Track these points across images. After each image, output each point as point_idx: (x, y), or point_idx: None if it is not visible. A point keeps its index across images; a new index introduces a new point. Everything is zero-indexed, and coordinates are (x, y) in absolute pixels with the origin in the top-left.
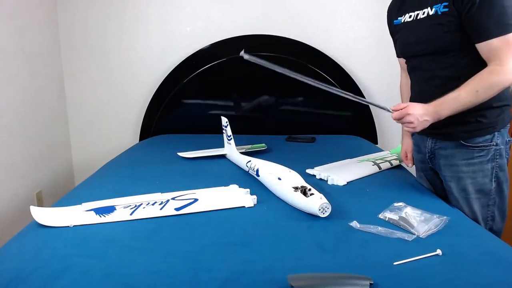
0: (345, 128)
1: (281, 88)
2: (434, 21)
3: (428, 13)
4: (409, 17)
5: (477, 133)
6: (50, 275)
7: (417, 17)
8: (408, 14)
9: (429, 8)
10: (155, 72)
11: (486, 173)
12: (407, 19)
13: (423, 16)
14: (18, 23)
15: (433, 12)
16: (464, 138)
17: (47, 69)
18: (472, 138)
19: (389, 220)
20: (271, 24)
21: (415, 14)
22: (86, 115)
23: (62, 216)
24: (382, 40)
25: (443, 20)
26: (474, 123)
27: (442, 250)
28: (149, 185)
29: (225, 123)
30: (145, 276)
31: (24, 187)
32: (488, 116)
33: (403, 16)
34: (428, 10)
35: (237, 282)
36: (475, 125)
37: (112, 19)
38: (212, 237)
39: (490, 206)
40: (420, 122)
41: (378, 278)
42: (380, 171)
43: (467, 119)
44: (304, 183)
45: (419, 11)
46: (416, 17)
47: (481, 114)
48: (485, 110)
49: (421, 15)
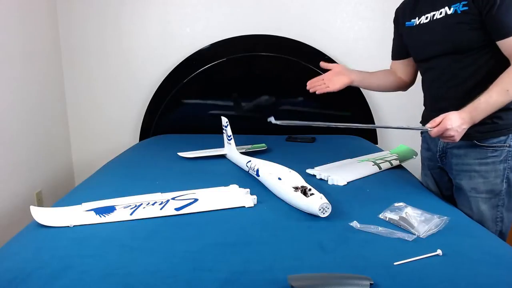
0: (345, 128)
1: (281, 88)
2: (454, 20)
3: (446, 13)
4: (426, 19)
5: (492, 134)
6: (50, 275)
7: (434, 17)
8: (424, 16)
9: (446, 8)
10: (155, 72)
11: (498, 174)
12: (423, 20)
13: (440, 16)
14: (18, 23)
15: (451, 12)
16: (479, 138)
17: (47, 69)
18: (486, 139)
19: (389, 220)
20: (271, 24)
21: (431, 15)
22: (86, 115)
23: (62, 216)
24: (382, 40)
25: (464, 18)
26: (489, 124)
27: (442, 250)
28: (149, 185)
29: (225, 123)
30: (145, 276)
31: (24, 187)
32: (504, 117)
33: (418, 18)
34: (445, 9)
35: (237, 282)
36: (490, 126)
37: (112, 19)
38: (212, 237)
39: (499, 207)
40: (459, 132)
41: (378, 278)
42: (380, 171)
43: (483, 120)
44: (304, 183)
45: (435, 11)
46: (433, 18)
47: (497, 116)
48: (502, 112)
49: (438, 15)
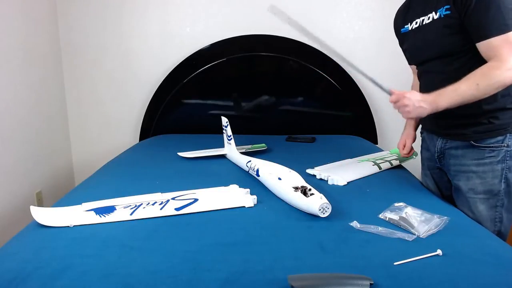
0: (345, 128)
1: (281, 88)
2: (439, 24)
3: (433, 17)
4: (416, 24)
5: (489, 134)
6: (50, 275)
7: (423, 22)
8: (415, 21)
9: (433, 12)
10: (155, 72)
11: (496, 174)
12: (414, 26)
13: (428, 21)
14: (19, 23)
15: (437, 16)
16: (476, 139)
17: (47, 69)
18: (483, 139)
19: (389, 220)
20: (271, 24)
21: (421, 20)
22: (86, 115)
23: (62, 216)
24: (382, 40)
25: (447, 22)
26: (486, 124)
27: (442, 250)
28: (149, 185)
29: (225, 123)
30: (145, 276)
31: (24, 187)
32: (501, 117)
33: (410, 23)
34: (432, 14)
35: (237, 282)
36: (487, 126)
37: (112, 19)
38: (212, 237)
39: (498, 208)
40: (415, 107)
41: (378, 278)
42: (380, 171)
43: (480, 120)
44: (304, 183)
45: (424, 16)
46: (422, 23)
47: (494, 116)
48: (498, 112)
49: (426, 20)
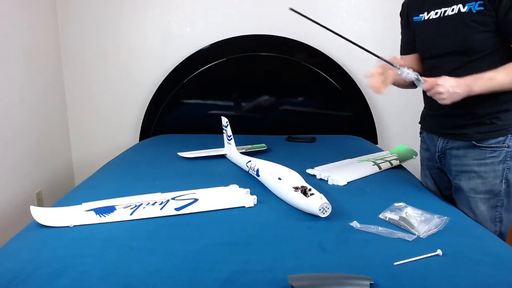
0: (345, 128)
1: (281, 88)
2: (467, 19)
3: (460, 10)
4: (435, 14)
5: (491, 134)
6: (50, 275)
7: (445, 13)
8: (434, 11)
9: (460, 5)
10: (155, 72)
11: (497, 174)
12: (432, 16)
13: (452, 13)
14: (18, 23)
15: (465, 10)
16: (477, 139)
17: (47, 69)
18: (485, 139)
19: (389, 220)
20: (271, 24)
21: (442, 11)
22: (86, 115)
23: (62, 216)
24: (382, 40)
25: (478, 18)
26: (488, 124)
27: (442, 250)
28: (149, 185)
29: (225, 123)
30: (145, 276)
31: (24, 187)
32: (503, 118)
33: (427, 13)
34: (459, 6)
35: (237, 282)
36: (489, 127)
37: (112, 19)
38: (212, 237)
39: (498, 208)
40: (450, 93)
41: (378, 278)
42: (380, 171)
43: (482, 121)
44: (304, 183)
45: (447, 8)
46: (443, 14)
47: (496, 116)
48: (501, 113)
49: (450, 12)
